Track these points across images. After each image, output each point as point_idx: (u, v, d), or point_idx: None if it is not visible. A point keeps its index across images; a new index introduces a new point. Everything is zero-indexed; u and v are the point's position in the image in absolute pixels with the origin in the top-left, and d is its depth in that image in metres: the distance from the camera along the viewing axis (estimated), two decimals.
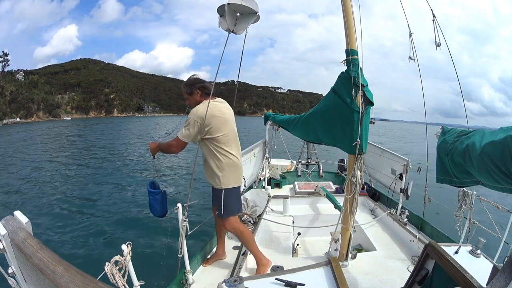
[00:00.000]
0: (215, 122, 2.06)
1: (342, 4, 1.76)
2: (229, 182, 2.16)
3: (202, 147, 2.15)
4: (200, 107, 2.08)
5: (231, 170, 2.15)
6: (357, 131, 1.80)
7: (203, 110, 2.01)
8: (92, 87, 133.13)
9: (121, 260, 1.13)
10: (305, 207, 3.55)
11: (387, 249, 2.48)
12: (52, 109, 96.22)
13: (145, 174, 10.32)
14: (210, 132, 2.06)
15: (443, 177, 1.70)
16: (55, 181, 9.28)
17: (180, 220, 1.88)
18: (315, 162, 5.45)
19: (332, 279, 1.72)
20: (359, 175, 1.88)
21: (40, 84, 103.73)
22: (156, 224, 5.47)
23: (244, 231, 2.23)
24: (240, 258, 2.40)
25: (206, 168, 2.22)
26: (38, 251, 0.70)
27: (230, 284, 1.05)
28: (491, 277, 1.16)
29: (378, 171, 3.97)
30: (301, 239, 2.85)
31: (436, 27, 2.11)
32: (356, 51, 1.78)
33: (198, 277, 2.17)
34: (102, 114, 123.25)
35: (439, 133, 1.81)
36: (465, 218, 2.39)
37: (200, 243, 2.64)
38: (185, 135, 2.06)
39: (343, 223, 2.06)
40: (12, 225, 0.76)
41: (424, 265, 1.49)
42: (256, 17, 2.06)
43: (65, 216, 5.94)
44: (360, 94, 1.78)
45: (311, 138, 2.65)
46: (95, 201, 7.02)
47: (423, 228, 3.02)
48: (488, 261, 1.92)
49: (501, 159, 1.11)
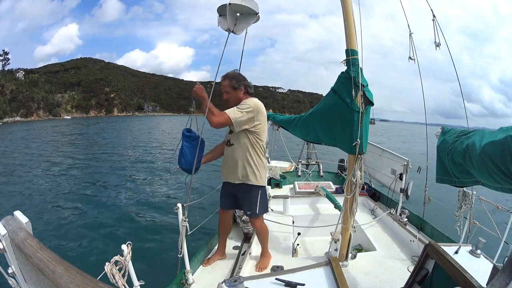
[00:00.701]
0: (263, 121, 2.08)
1: (342, 4, 1.76)
2: (264, 180, 2.22)
3: (243, 145, 2.08)
4: (256, 100, 2.06)
5: (264, 170, 2.22)
6: (357, 131, 1.80)
7: (260, 105, 2.04)
8: (93, 86, 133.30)
9: (121, 260, 1.13)
10: (305, 207, 3.55)
11: (387, 249, 2.48)
12: (52, 108, 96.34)
13: (145, 173, 10.33)
14: (258, 128, 2.06)
15: (443, 177, 1.70)
16: (55, 181, 9.28)
17: (180, 220, 1.88)
18: (315, 162, 5.45)
19: (332, 279, 1.72)
20: (359, 175, 1.88)
21: (40, 83, 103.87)
22: (156, 224, 5.48)
23: (267, 229, 2.36)
24: (240, 258, 2.40)
25: (242, 165, 2.11)
26: (38, 251, 0.70)
27: (230, 284, 1.05)
28: (491, 277, 1.16)
29: (378, 171, 3.97)
30: (301, 239, 2.85)
31: (436, 27, 2.11)
32: (356, 51, 1.78)
33: (198, 277, 2.17)
34: (102, 113, 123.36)
35: (439, 133, 1.81)
36: (465, 218, 2.39)
37: (200, 243, 2.64)
38: (236, 115, 1.95)
39: (343, 223, 2.06)
40: (12, 225, 0.76)
41: (424, 265, 1.49)
42: (256, 17, 2.06)
43: (65, 216, 5.94)
44: (360, 94, 1.78)
45: (311, 138, 2.65)
46: (95, 201, 7.02)
47: (423, 228, 3.02)
48: (488, 261, 1.92)
49: (501, 159, 1.11)
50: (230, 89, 2.09)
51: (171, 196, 7.55)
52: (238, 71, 2.25)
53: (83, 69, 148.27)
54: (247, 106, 1.99)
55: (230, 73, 2.15)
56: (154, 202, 6.88)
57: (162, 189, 8.26)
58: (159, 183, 9.01)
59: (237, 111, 1.97)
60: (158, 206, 6.54)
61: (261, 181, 2.17)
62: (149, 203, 6.78)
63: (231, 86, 2.08)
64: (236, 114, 1.95)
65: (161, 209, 6.28)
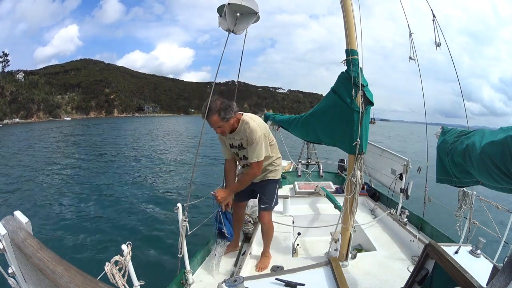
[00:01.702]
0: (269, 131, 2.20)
1: (342, 4, 1.76)
2: (280, 174, 2.38)
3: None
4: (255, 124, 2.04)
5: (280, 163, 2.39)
6: (357, 131, 1.80)
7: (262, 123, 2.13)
8: (92, 87, 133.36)
9: (121, 260, 1.13)
10: (305, 207, 3.54)
11: (387, 249, 2.48)
12: (52, 110, 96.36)
13: (145, 174, 10.33)
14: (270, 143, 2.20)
15: (443, 177, 1.70)
16: (55, 181, 9.28)
17: (180, 220, 1.88)
18: (315, 162, 5.45)
19: (332, 279, 1.72)
20: (359, 175, 1.88)
21: (40, 85, 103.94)
22: (156, 224, 5.48)
23: (272, 226, 2.41)
24: (240, 258, 2.40)
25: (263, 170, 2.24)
26: (38, 251, 0.70)
27: (230, 284, 1.05)
28: (491, 277, 1.16)
29: (378, 171, 3.97)
30: (301, 239, 2.85)
31: (436, 27, 2.11)
32: (356, 51, 1.78)
33: (198, 277, 2.17)
34: (102, 114, 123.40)
35: (439, 133, 1.82)
36: (465, 218, 2.39)
37: (200, 243, 2.64)
38: (261, 153, 2.05)
39: (343, 223, 2.06)
40: (12, 225, 0.76)
41: (424, 265, 1.49)
42: (256, 17, 2.06)
43: (65, 216, 5.95)
44: (360, 94, 1.78)
45: (311, 138, 2.65)
46: (95, 201, 7.02)
47: (423, 228, 3.02)
48: (488, 261, 1.92)
49: (501, 159, 1.11)
50: (222, 123, 1.97)
51: (171, 196, 7.55)
52: (239, 69, 2.28)
53: (83, 70, 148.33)
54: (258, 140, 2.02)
55: (212, 106, 1.90)
56: (154, 202, 6.87)
57: (162, 189, 8.26)
58: (159, 183, 9.01)
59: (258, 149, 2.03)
60: (158, 206, 6.54)
61: (278, 175, 2.35)
62: (149, 203, 6.78)
63: (223, 120, 1.95)
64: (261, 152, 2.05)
65: (161, 209, 6.28)
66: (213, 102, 1.92)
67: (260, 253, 2.39)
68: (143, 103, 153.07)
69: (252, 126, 2.00)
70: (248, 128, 2.01)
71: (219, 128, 2.00)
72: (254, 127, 2.00)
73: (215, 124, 1.97)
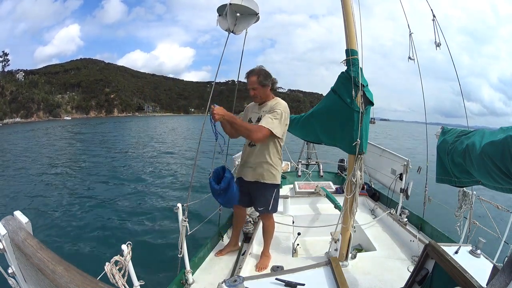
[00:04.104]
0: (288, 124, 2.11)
1: (342, 4, 1.76)
2: (279, 178, 2.24)
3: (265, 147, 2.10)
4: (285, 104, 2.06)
5: (281, 168, 2.25)
6: (357, 131, 1.80)
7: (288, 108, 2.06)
8: (93, 87, 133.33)
9: (121, 260, 1.13)
10: (305, 207, 3.54)
11: (387, 249, 2.48)
12: (52, 109, 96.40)
13: (145, 174, 10.32)
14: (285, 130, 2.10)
15: (443, 177, 1.70)
16: (55, 181, 9.28)
17: (180, 220, 1.88)
18: (315, 162, 5.45)
19: (332, 279, 1.72)
20: (359, 175, 1.88)
21: (40, 84, 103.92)
22: (156, 224, 5.47)
23: (274, 226, 2.41)
24: (240, 258, 2.40)
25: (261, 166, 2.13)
26: (38, 251, 0.70)
27: (230, 284, 1.05)
28: (491, 277, 1.16)
29: (378, 171, 3.97)
30: (301, 239, 2.85)
31: (436, 27, 2.11)
32: (356, 51, 1.78)
33: (198, 277, 2.17)
34: (102, 114, 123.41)
35: (439, 133, 1.82)
36: (465, 218, 2.39)
37: (200, 243, 2.64)
38: (274, 126, 1.93)
39: (343, 223, 2.06)
40: (12, 225, 0.76)
41: (424, 265, 1.49)
42: (256, 17, 2.06)
43: (65, 216, 5.94)
44: (360, 94, 1.78)
45: (311, 138, 2.65)
46: (95, 201, 7.02)
47: (423, 228, 3.02)
48: (488, 261, 1.92)
49: (501, 159, 1.11)
50: (258, 85, 2.03)
51: (172, 196, 7.54)
52: (239, 69, 2.26)
53: (83, 70, 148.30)
54: (281, 112, 1.97)
55: (256, 68, 2.08)
56: (154, 202, 6.87)
57: (163, 189, 8.25)
58: (159, 183, 9.01)
59: (275, 120, 1.94)
60: (158, 206, 6.54)
61: (277, 179, 2.21)
62: (149, 203, 6.78)
63: (259, 82, 2.02)
64: (274, 124, 1.93)
65: (161, 209, 6.28)
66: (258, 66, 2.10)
67: (260, 253, 2.39)
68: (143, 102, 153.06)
69: (282, 102, 2.07)
70: (278, 103, 2.06)
71: (253, 90, 2.05)
72: (284, 104, 2.06)
73: (252, 84, 2.04)
